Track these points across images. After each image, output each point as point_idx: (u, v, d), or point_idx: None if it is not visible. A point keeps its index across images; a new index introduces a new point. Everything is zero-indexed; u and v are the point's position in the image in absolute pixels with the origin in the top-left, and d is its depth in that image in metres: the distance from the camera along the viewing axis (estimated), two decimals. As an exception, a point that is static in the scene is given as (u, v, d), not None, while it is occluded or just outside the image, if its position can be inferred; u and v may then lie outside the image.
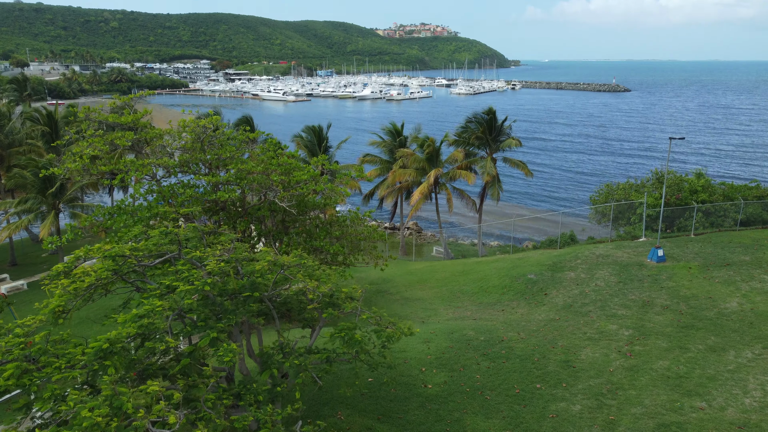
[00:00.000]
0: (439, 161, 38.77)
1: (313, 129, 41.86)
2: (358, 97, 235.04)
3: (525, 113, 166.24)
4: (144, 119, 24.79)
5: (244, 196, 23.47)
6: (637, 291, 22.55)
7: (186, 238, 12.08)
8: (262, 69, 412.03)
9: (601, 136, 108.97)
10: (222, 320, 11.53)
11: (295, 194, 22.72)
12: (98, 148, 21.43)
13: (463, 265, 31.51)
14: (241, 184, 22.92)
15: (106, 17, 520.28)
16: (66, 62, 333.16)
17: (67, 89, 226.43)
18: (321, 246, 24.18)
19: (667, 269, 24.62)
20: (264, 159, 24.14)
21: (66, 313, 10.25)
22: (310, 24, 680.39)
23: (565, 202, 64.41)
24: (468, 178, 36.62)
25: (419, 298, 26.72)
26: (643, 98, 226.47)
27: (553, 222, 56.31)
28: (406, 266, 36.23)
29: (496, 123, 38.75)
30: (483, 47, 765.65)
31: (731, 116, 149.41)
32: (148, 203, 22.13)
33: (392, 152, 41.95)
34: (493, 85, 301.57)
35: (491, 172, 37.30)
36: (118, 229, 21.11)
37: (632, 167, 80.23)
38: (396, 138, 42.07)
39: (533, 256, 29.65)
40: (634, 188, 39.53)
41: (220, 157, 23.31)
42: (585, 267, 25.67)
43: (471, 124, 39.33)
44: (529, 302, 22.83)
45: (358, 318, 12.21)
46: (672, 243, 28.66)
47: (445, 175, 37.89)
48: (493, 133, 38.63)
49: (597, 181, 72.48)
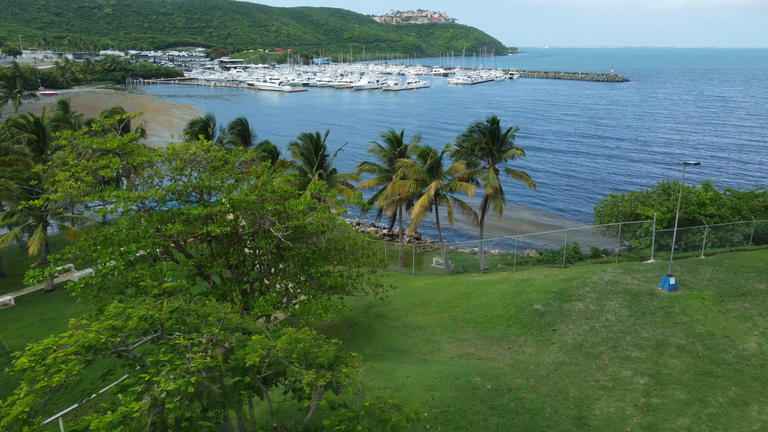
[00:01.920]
0: (440, 172, 37.58)
1: (310, 137, 40.58)
2: (355, 87, 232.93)
3: (521, 107, 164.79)
4: (133, 142, 23.49)
5: (237, 225, 22.27)
6: (650, 327, 21.50)
7: (168, 316, 10.89)
8: (257, 57, 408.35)
9: (598, 135, 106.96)
10: (208, 412, 10.42)
11: (290, 225, 21.56)
12: (81, 178, 20.19)
13: (466, 286, 30.41)
14: (234, 215, 21.74)
15: (100, 3, 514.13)
16: (60, 50, 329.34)
17: (60, 78, 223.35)
18: (318, 276, 23.07)
19: (679, 300, 23.57)
20: (258, 185, 22.95)
21: (32, 419, 9.10)
22: (306, 10, 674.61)
23: (563, 204, 63.33)
24: (469, 190, 35.46)
25: (420, 325, 25.64)
26: (640, 90, 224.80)
27: (557, 227, 55.34)
28: (406, 282, 35.15)
29: (500, 132, 37.52)
30: (480, 34, 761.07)
31: (729, 111, 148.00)
32: (134, 233, 20.92)
33: (391, 161, 40.72)
34: (490, 75, 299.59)
35: (494, 184, 36.12)
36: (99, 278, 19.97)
37: (632, 169, 79.10)
38: (395, 147, 40.80)
39: (538, 279, 28.55)
40: (640, 200, 38.42)
41: (211, 184, 22.09)
42: (594, 296, 24.60)
43: (474, 133, 38.08)
44: (537, 339, 21.77)
45: (359, 404, 11.08)
46: (683, 267, 27.59)
47: (446, 187, 36.72)
48: (496, 143, 37.40)
49: (595, 184, 71.40)
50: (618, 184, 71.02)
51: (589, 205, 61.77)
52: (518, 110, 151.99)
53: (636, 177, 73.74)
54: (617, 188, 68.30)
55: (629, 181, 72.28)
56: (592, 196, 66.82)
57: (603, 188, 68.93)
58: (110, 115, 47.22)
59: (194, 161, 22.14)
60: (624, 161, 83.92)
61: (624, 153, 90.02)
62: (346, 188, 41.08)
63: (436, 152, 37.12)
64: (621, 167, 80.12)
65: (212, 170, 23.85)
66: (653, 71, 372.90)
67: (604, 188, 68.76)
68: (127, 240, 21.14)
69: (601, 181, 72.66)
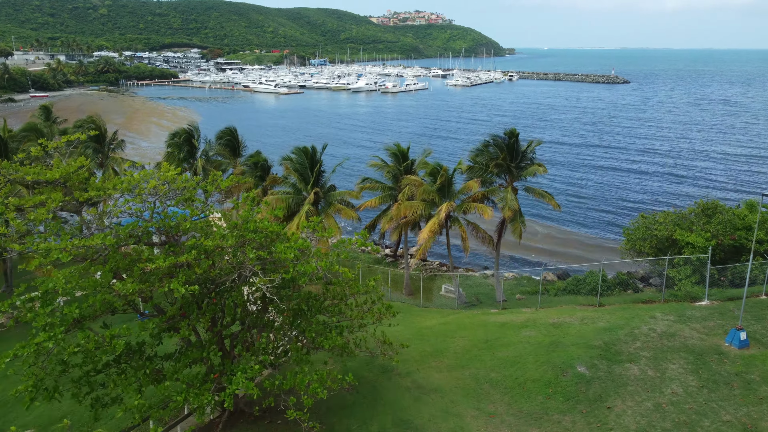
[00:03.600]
0: (451, 192, 33.14)
1: (305, 150, 36.17)
2: (353, 90, 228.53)
3: (523, 110, 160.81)
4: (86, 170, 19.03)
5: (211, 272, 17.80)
6: (729, 405, 17.15)
7: None
8: (254, 58, 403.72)
9: (605, 145, 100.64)
10: None
11: (277, 277, 17.18)
12: (8, 222, 15.77)
13: (485, 330, 26.02)
14: (205, 265, 17.24)
15: (95, 4, 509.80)
16: (53, 51, 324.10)
17: (51, 80, 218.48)
18: (312, 336, 18.65)
19: (756, 362, 19.23)
20: (237, 223, 18.56)
21: None
22: (303, 11, 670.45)
23: (580, 219, 59.00)
24: (484, 213, 31.06)
25: (436, 387, 21.24)
26: (642, 92, 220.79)
27: (575, 244, 51.02)
28: (414, 319, 30.78)
29: (519, 147, 33.12)
30: (478, 35, 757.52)
31: (734, 114, 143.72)
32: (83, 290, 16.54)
33: (396, 178, 36.30)
34: (490, 76, 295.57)
35: (513, 206, 31.73)
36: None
37: (646, 184, 74.51)
38: (401, 162, 36.32)
39: (573, 325, 24.17)
40: (676, 222, 34.05)
41: (179, 225, 17.71)
42: (649, 356, 20.21)
43: (489, 147, 33.67)
44: (588, 420, 17.33)
45: None
46: (747, 312, 23.21)
47: (458, 208, 32.30)
48: (515, 160, 33.02)
49: (607, 199, 66.96)
50: (631, 198, 66.65)
51: (610, 225, 57.54)
52: (521, 114, 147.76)
53: (650, 193, 68.57)
54: (631, 203, 63.86)
55: (643, 196, 67.66)
56: (608, 211, 62.52)
57: (617, 203, 64.53)
58: (84, 124, 42.79)
59: (157, 196, 17.73)
60: (635, 175, 78.29)
61: (634, 165, 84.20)
62: (345, 208, 36.74)
63: (448, 170, 32.63)
64: (632, 180, 75.27)
65: (185, 202, 19.56)
66: (653, 73, 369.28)
67: (619, 203, 64.35)
68: (74, 292, 16.81)
69: (613, 195, 68.09)
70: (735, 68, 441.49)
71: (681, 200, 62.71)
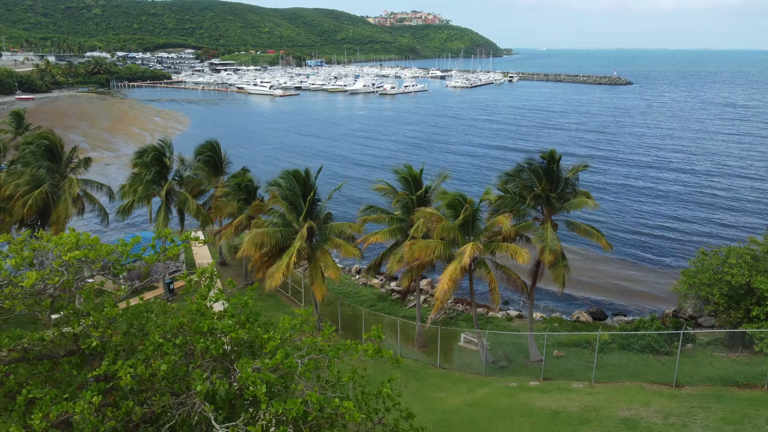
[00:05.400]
0: (476, 228, 26.75)
1: (296, 175, 29.75)
2: (350, 91, 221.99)
3: (526, 114, 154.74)
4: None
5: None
6: None
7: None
8: (249, 58, 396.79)
9: (616, 158, 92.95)
10: None
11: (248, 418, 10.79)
12: None
13: (531, 423, 19.70)
14: (126, 406, 10.78)
15: (89, 4, 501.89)
16: (44, 51, 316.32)
17: (39, 82, 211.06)
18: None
19: None
20: (184, 323, 12.17)
21: None
22: (299, 11, 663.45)
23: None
24: (519, 256, 24.67)
25: None
26: (646, 94, 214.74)
27: (610, 273, 44.68)
28: (433, 395, 24.43)
29: (559, 173, 26.76)
30: (475, 35, 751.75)
31: (745, 120, 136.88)
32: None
33: (408, 209, 29.86)
34: (489, 78, 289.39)
35: (555, 249, 25.34)
36: None
37: (671, 207, 67.92)
38: (413, 189, 29.76)
39: (655, 425, 17.84)
40: (750, 264, 27.71)
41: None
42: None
43: (523, 173, 27.30)
44: None
45: None
46: None
47: (485, 248, 25.91)
48: (556, 189, 26.67)
49: (621, 211, 60.34)
50: (656, 221, 59.72)
51: (634, 248, 51.23)
52: (525, 120, 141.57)
53: (679, 220, 59.36)
54: (690, 232, 55.98)
55: (676, 222, 59.93)
56: (628, 231, 56.11)
57: (637, 226, 57.57)
58: (36, 140, 36.23)
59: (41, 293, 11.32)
60: (657, 192, 69.81)
61: (651, 182, 75.33)
62: (345, 244, 30.33)
63: (473, 203, 26.16)
64: (654, 199, 67.30)
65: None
66: (654, 74, 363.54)
67: (639, 225, 57.08)
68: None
69: (632, 217, 60.87)
70: (733, 69, 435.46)
71: (718, 228, 55.77)
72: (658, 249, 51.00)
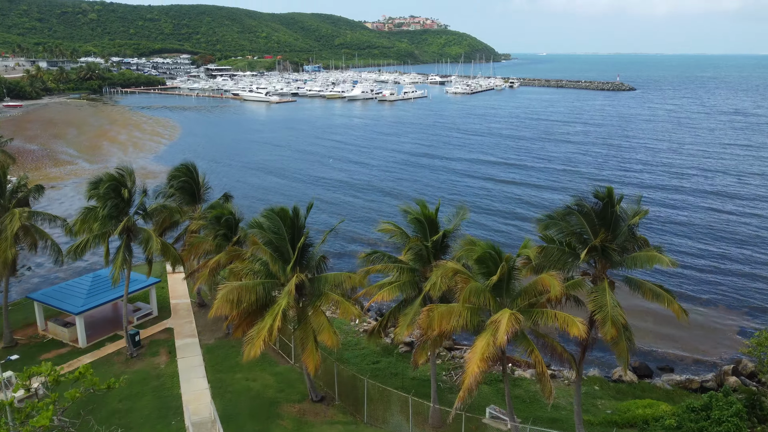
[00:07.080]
0: (510, 289, 20.79)
1: (282, 215, 23.80)
2: (348, 98, 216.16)
3: (529, 124, 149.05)
4: None
5: None
6: None
7: None
8: (246, 64, 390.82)
9: (628, 181, 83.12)
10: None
11: None
12: None
13: None
14: None
15: (85, 9, 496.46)
16: (37, 56, 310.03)
17: (28, 88, 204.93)
18: None
19: None
20: None
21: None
22: (297, 16, 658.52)
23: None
24: (573, 328, 18.79)
25: None
26: (651, 101, 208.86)
27: (647, 312, 38.56)
28: None
29: (615, 216, 20.84)
30: (473, 40, 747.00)
31: (759, 130, 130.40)
32: None
33: (422, 259, 23.83)
34: (490, 83, 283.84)
35: (618, 321, 19.44)
36: None
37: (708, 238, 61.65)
38: (427, 233, 23.56)
39: None
40: None
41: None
42: None
43: (571, 216, 21.42)
44: None
45: None
46: None
47: (526, 317, 19.98)
48: (614, 238, 20.76)
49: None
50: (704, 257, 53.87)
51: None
52: (529, 129, 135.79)
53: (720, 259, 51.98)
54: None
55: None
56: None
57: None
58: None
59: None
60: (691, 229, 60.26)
61: (668, 210, 67.54)
62: (343, 301, 24.34)
63: (511, 259, 20.06)
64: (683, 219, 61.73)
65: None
66: (655, 79, 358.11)
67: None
68: None
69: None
70: (733, 74, 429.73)
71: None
72: (694, 284, 45.06)
